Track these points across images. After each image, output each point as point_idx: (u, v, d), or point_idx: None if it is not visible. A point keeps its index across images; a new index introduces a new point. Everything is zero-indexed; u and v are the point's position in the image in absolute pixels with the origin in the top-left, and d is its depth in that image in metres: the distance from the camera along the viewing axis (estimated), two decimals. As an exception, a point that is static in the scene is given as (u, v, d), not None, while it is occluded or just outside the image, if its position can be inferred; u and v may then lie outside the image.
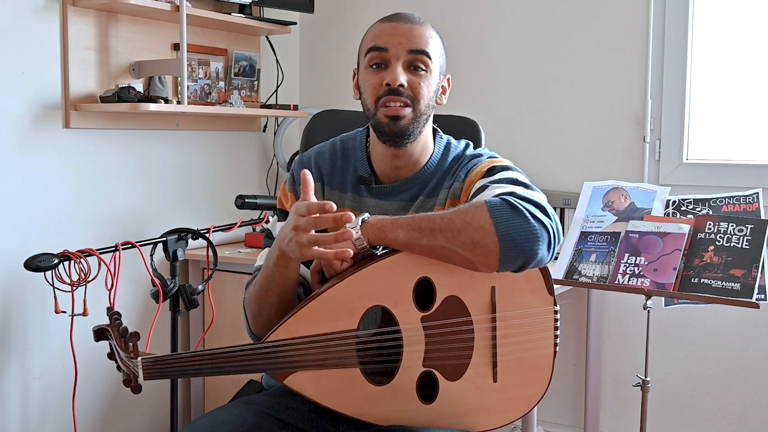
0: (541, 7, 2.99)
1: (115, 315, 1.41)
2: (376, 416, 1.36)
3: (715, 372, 2.77)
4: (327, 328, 1.34)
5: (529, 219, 1.31)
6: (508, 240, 1.30)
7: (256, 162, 3.29)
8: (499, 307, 1.40)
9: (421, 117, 1.48)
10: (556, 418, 3.05)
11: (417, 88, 1.47)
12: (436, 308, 1.37)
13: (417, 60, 1.47)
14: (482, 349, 1.40)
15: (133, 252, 2.46)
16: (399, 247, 1.36)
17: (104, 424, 2.75)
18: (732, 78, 2.76)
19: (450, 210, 1.37)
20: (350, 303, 1.34)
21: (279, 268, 1.40)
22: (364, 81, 1.50)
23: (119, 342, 1.37)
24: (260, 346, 1.34)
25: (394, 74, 1.45)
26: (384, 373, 1.37)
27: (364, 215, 1.39)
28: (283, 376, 1.34)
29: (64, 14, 2.50)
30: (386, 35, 1.47)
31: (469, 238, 1.31)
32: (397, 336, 1.36)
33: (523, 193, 1.36)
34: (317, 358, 1.33)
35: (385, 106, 1.46)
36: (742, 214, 2.08)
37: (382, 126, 1.48)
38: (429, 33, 1.50)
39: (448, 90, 1.57)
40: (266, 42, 3.23)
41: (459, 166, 1.54)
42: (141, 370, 1.32)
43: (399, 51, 1.46)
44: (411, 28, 1.47)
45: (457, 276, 1.37)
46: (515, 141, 3.05)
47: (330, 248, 1.32)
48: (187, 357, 1.35)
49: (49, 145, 2.50)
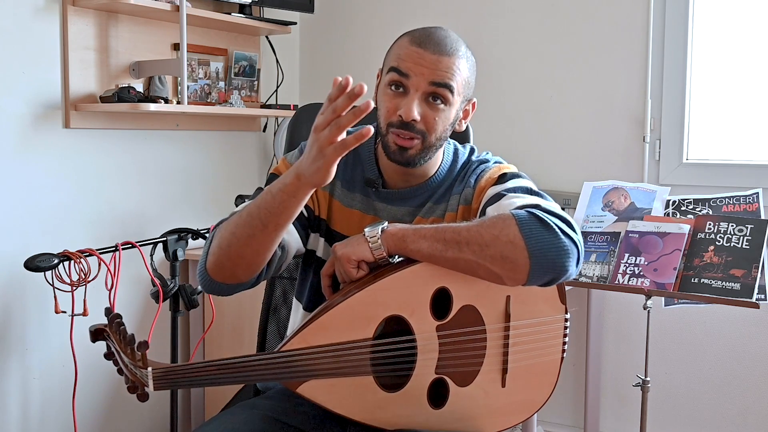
0: (541, 7, 2.99)
1: (117, 318, 1.37)
2: (385, 421, 1.36)
3: (715, 372, 2.77)
4: (343, 338, 1.32)
5: (559, 235, 1.29)
6: (540, 256, 1.28)
7: (256, 162, 3.29)
8: (513, 315, 1.40)
9: (430, 148, 1.44)
10: (556, 418, 3.05)
11: (431, 123, 1.41)
12: (452, 317, 1.36)
13: (437, 93, 1.40)
14: (493, 356, 1.40)
15: (133, 252, 2.46)
16: (422, 259, 1.34)
17: (104, 425, 2.75)
18: (732, 78, 2.76)
19: (474, 222, 1.34)
20: (368, 313, 1.33)
21: (284, 195, 1.29)
22: (381, 98, 1.45)
23: (124, 348, 1.34)
24: (275, 355, 1.31)
25: (409, 108, 1.38)
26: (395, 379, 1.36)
27: (384, 223, 1.36)
28: (295, 385, 1.32)
29: (64, 14, 2.50)
30: (410, 61, 1.39)
31: (498, 252, 1.29)
32: (412, 345, 1.35)
33: (546, 206, 1.35)
34: (332, 367, 1.32)
35: (395, 134, 1.41)
36: (742, 214, 2.08)
37: (389, 150, 1.44)
38: (456, 64, 1.40)
39: (471, 114, 1.52)
40: (266, 42, 3.23)
41: (467, 172, 1.52)
42: (152, 380, 1.29)
43: (419, 82, 1.39)
44: (438, 60, 1.39)
45: (474, 286, 1.36)
46: (515, 141, 3.05)
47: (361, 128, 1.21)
48: (200, 368, 1.31)
49: (49, 145, 2.50)
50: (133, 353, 1.32)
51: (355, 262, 1.35)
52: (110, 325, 1.38)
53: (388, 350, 1.35)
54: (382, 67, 1.48)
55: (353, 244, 1.36)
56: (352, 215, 1.51)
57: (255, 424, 1.41)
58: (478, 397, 1.40)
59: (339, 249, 1.37)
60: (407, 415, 1.36)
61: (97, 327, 1.42)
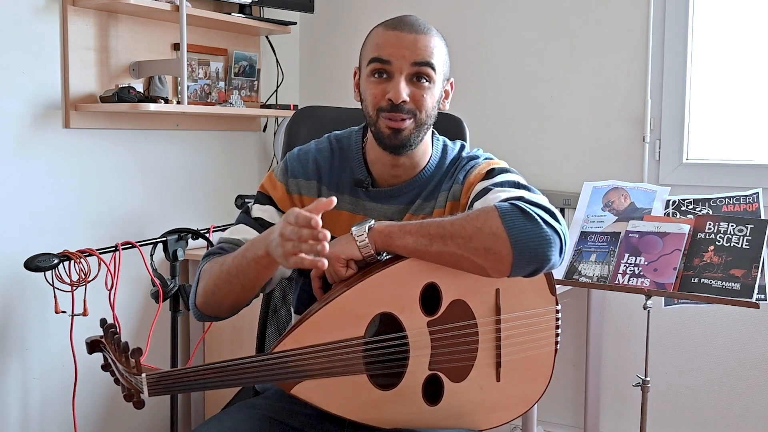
0: (541, 6, 2.99)
1: (111, 328, 1.38)
2: (382, 420, 1.36)
3: (715, 372, 2.77)
4: (334, 336, 1.33)
5: (541, 224, 1.31)
6: (522, 246, 1.29)
7: (256, 162, 3.29)
8: (503, 308, 1.40)
9: (422, 127, 1.46)
10: (556, 418, 3.05)
11: (420, 101, 1.44)
12: (442, 313, 1.37)
13: (421, 72, 1.43)
14: (486, 350, 1.40)
15: (133, 252, 2.46)
16: (407, 254, 1.35)
17: (104, 425, 2.75)
18: (732, 78, 2.76)
19: (458, 216, 1.36)
20: (358, 311, 1.34)
21: (258, 266, 1.37)
22: (365, 88, 1.47)
23: (119, 357, 1.34)
24: (268, 357, 1.32)
25: (397, 90, 1.41)
26: (390, 377, 1.36)
27: (371, 222, 1.37)
28: (290, 386, 1.33)
29: (64, 14, 2.50)
30: (390, 46, 1.43)
31: (481, 244, 1.30)
32: (404, 341, 1.35)
33: (530, 198, 1.36)
34: (325, 367, 1.33)
35: (386, 117, 1.44)
36: (742, 214, 2.08)
37: (382, 136, 1.46)
38: (433, 42, 1.45)
39: (451, 94, 1.55)
40: (266, 42, 3.23)
41: (457, 168, 1.53)
42: (146, 386, 1.30)
43: (402, 64, 1.42)
44: (415, 39, 1.43)
45: (462, 280, 1.37)
46: (515, 141, 3.05)
47: (315, 260, 1.26)
48: (193, 372, 1.32)
49: (49, 145, 2.50)
50: (127, 360, 1.33)
51: (344, 261, 1.36)
52: (105, 335, 1.39)
53: (380, 348, 1.36)
54: (360, 63, 1.51)
55: (341, 243, 1.37)
56: (341, 216, 1.52)
57: (253, 424, 1.42)
58: (473, 393, 1.40)
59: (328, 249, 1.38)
60: (403, 413, 1.36)
61: (93, 339, 1.43)
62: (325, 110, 1.97)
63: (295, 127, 1.88)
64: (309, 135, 1.68)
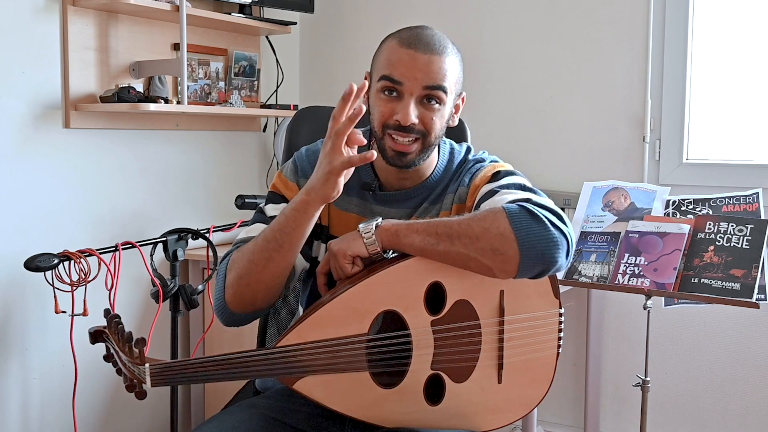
0: (541, 7, 2.99)
1: (116, 318, 1.38)
2: (383, 418, 1.36)
3: (715, 372, 2.77)
4: (338, 333, 1.33)
5: (549, 226, 1.31)
6: (529, 247, 1.30)
7: (256, 162, 3.29)
8: (507, 310, 1.40)
9: (429, 148, 1.45)
10: (556, 418, 3.05)
11: (429, 123, 1.42)
12: (446, 312, 1.37)
13: (432, 95, 1.41)
14: (489, 351, 1.41)
15: (133, 252, 2.46)
16: (414, 253, 1.35)
17: (104, 425, 2.75)
18: (732, 78, 2.76)
19: (466, 216, 1.36)
20: (362, 307, 1.34)
21: (296, 213, 1.35)
22: (374, 102, 1.45)
23: (122, 347, 1.34)
24: (272, 351, 1.33)
25: (406, 113, 1.39)
26: (392, 375, 1.36)
27: (378, 219, 1.38)
28: (292, 381, 1.33)
29: (64, 14, 2.50)
30: (402, 66, 1.40)
31: (488, 244, 1.30)
32: (407, 340, 1.36)
33: (537, 200, 1.36)
34: (328, 363, 1.33)
35: (392, 138, 1.42)
36: (742, 214, 2.08)
37: (386, 155, 1.45)
38: (447, 63, 1.42)
39: (461, 107, 1.53)
40: (266, 42, 3.23)
41: (463, 171, 1.53)
42: (149, 377, 1.30)
43: (414, 86, 1.40)
44: (429, 61, 1.40)
45: (467, 280, 1.37)
46: (515, 141, 3.05)
47: (364, 154, 1.31)
48: (196, 363, 1.32)
49: (49, 145, 2.50)
50: (130, 350, 1.34)
51: (350, 257, 1.37)
52: (109, 326, 1.39)
53: (383, 345, 1.36)
54: (372, 71, 1.48)
55: (348, 240, 1.38)
56: (350, 218, 1.53)
57: (254, 423, 1.42)
58: (474, 394, 1.40)
59: (334, 245, 1.39)
60: (404, 411, 1.36)
61: (96, 329, 1.43)
62: (327, 110, 1.97)
63: (296, 127, 1.89)
64: (310, 135, 1.68)
